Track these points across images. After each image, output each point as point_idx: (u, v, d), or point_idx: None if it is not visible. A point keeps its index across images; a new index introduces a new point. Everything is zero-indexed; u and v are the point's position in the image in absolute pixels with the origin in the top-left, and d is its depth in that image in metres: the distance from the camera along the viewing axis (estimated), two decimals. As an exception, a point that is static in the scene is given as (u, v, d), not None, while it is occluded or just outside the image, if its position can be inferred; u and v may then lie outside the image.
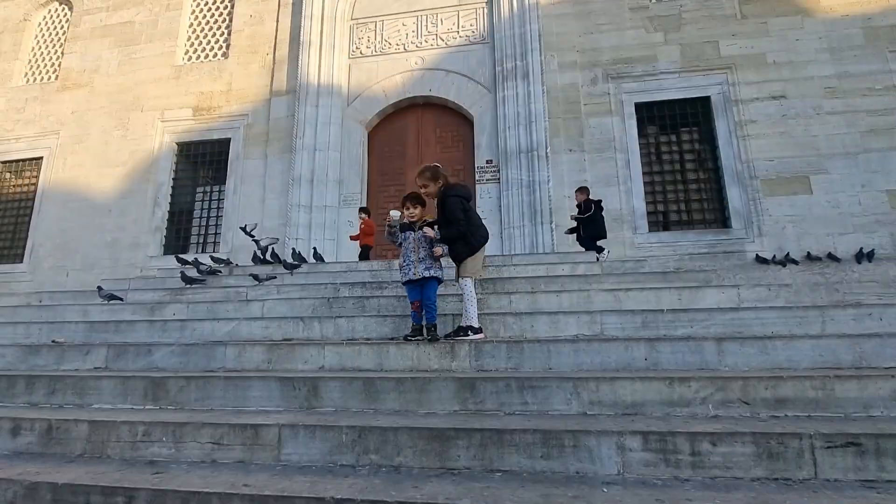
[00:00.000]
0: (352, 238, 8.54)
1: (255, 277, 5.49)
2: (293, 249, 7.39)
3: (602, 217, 7.30)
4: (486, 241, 3.66)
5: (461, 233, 3.48)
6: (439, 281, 3.57)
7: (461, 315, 3.63)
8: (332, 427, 2.43)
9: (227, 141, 10.31)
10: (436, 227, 3.61)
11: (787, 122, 8.68)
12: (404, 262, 3.53)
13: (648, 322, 3.55)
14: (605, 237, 7.29)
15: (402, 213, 3.58)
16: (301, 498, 1.95)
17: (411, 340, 3.41)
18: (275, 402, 2.93)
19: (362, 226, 8.29)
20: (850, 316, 3.47)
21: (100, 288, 5.74)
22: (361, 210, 8.53)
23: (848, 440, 2.08)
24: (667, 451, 2.14)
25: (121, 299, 5.59)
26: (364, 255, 8.27)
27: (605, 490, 1.97)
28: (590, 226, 7.12)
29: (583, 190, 7.44)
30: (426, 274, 3.45)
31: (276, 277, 5.54)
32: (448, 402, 2.76)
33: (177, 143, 10.60)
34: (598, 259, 6.66)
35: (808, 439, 2.10)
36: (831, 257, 8.11)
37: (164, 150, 10.58)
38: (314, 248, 7.92)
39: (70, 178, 10.88)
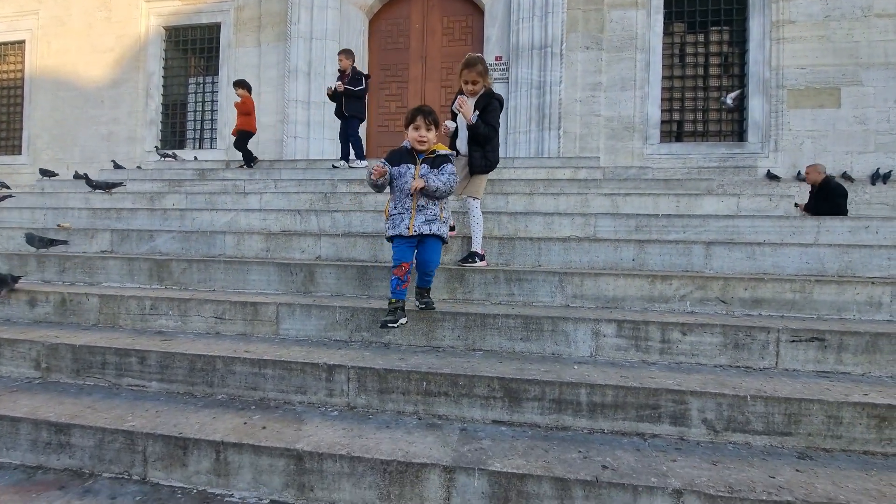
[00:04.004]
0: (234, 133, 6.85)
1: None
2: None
3: (366, 97, 6.35)
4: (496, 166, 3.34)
5: (490, 137, 3.08)
6: (443, 241, 2.48)
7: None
8: (326, 307, 2.57)
9: (218, 26, 9.57)
10: (476, 111, 3.01)
11: (829, 25, 7.91)
12: (395, 208, 2.42)
13: (642, 226, 3.56)
14: (364, 119, 6.49)
15: (409, 131, 2.47)
16: (297, 363, 2.13)
17: (392, 327, 2.33)
18: (273, 286, 3.07)
19: (239, 104, 6.65)
20: (846, 227, 3.46)
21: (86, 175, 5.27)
22: (237, 84, 6.83)
23: (813, 336, 2.20)
24: (638, 338, 2.27)
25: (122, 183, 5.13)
26: (242, 145, 6.55)
27: (576, 368, 2.13)
28: (354, 102, 6.09)
29: (348, 54, 6.20)
30: (426, 230, 2.35)
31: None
32: (438, 291, 2.87)
33: (164, 28, 9.87)
34: (343, 164, 5.92)
35: (774, 333, 2.21)
36: (846, 177, 7.90)
37: (151, 35, 9.88)
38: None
39: (57, 65, 10.34)
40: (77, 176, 5.95)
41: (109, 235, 3.90)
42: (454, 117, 3.22)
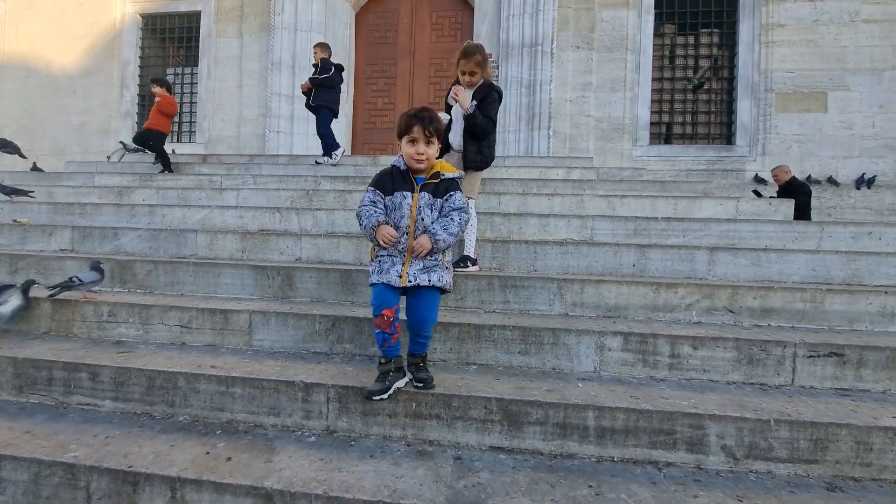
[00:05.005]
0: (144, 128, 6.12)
1: None
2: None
3: (340, 88, 6.07)
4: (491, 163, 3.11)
5: (488, 130, 2.84)
6: (443, 292, 1.88)
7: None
8: (305, 315, 2.33)
9: (198, 14, 9.18)
10: (474, 101, 2.80)
11: (817, 29, 7.92)
12: (383, 250, 1.84)
13: (641, 229, 3.41)
14: (336, 109, 6.11)
15: (403, 145, 1.90)
16: (269, 381, 1.90)
17: (382, 399, 1.78)
18: (248, 291, 2.82)
19: (158, 101, 6.03)
20: (849, 234, 3.35)
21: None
22: (155, 81, 6.17)
23: (831, 350, 2.05)
24: (646, 353, 2.10)
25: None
26: (151, 143, 5.81)
27: (581, 385, 1.94)
28: (323, 92, 5.85)
29: (324, 47, 5.99)
30: (423, 281, 1.79)
31: None
32: (428, 297, 2.66)
33: (140, 16, 9.44)
34: (326, 160, 5.72)
35: (791, 347, 2.06)
36: (831, 181, 7.94)
37: (127, 22, 9.44)
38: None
39: (27, 51, 9.80)
40: (34, 168, 5.57)
41: (70, 233, 3.58)
42: (448, 109, 3.00)
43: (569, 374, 2.09)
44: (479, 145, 2.88)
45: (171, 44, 9.57)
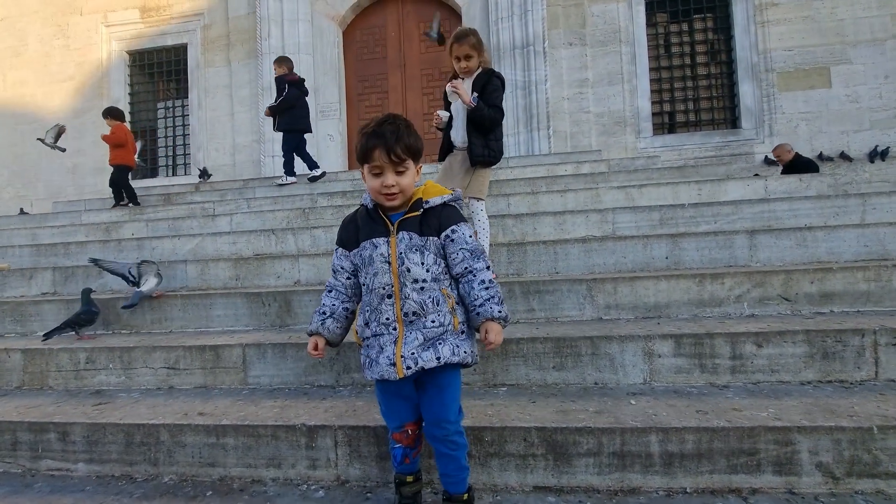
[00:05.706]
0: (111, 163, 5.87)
1: None
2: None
3: (306, 103, 5.60)
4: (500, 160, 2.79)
5: (497, 120, 2.55)
6: (464, 366, 1.32)
7: None
8: (305, 345, 2.05)
9: (184, 47, 9.12)
10: (475, 94, 2.50)
11: (812, 4, 7.72)
12: (367, 325, 1.34)
13: (667, 218, 3.13)
14: (303, 127, 5.66)
15: (366, 176, 1.32)
16: (266, 427, 1.61)
17: None
18: (242, 322, 2.55)
19: (109, 136, 5.69)
20: (895, 203, 3.06)
21: None
22: (106, 113, 5.85)
23: (920, 335, 1.74)
24: (703, 356, 1.80)
25: None
26: (120, 181, 5.56)
27: (633, 402, 1.64)
28: (284, 114, 5.43)
29: (281, 62, 5.53)
30: (429, 361, 1.24)
31: None
32: (441, 312, 2.38)
33: (127, 53, 9.39)
34: (284, 180, 5.31)
35: (870, 335, 1.76)
36: (843, 157, 7.64)
37: (114, 60, 9.38)
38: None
39: (15, 98, 9.77)
40: (22, 212, 5.38)
41: (51, 274, 3.34)
42: (447, 106, 2.74)
43: (615, 388, 1.79)
44: (486, 139, 2.58)
45: (159, 78, 9.50)
